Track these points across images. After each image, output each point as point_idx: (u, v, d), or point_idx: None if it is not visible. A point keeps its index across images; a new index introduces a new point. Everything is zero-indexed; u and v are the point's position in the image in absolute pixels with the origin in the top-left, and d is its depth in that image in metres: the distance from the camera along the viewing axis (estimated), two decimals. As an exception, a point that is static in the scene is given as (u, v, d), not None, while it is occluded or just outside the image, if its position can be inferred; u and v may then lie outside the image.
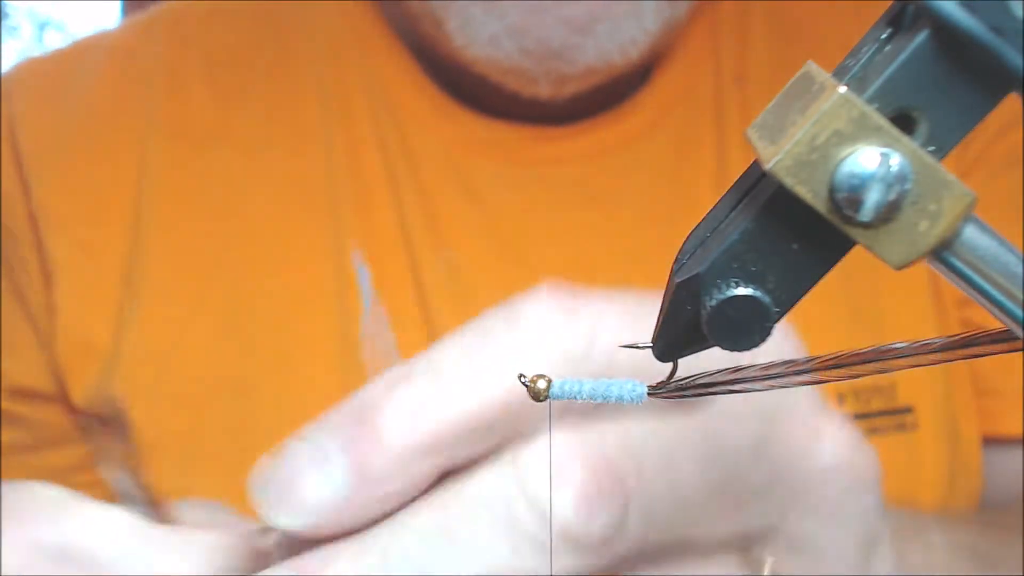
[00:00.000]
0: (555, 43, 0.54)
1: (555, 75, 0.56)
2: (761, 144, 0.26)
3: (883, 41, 0.27)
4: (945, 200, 0.25)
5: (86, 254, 0.61)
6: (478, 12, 0.55)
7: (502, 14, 0.54)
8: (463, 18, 0.55)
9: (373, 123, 0.61)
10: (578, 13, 0.54)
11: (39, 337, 0.62)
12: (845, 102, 0.25)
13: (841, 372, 0.30)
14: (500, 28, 0.55)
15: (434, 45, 0.59)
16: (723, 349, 0.27)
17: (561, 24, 0.54)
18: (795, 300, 0.27)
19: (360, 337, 0.58)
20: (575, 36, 0.54)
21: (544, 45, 0.54)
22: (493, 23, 0.55)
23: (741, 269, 0.27)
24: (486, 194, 0.60)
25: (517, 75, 0.56)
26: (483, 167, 0.60)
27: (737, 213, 0.27)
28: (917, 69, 0.25)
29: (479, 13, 0.55)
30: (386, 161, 0.60)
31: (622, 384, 0.31)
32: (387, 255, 0.59)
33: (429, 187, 0.59)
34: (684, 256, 0.29)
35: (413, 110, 0.61)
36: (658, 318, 0.29)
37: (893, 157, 0.25)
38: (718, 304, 0.26)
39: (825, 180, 0.25)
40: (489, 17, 0.55)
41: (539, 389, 0.31)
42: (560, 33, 0.54)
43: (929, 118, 0.25)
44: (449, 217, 0.59)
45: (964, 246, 0.26)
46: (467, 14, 0.55)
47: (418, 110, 0.61)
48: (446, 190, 0.59)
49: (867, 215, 0.25)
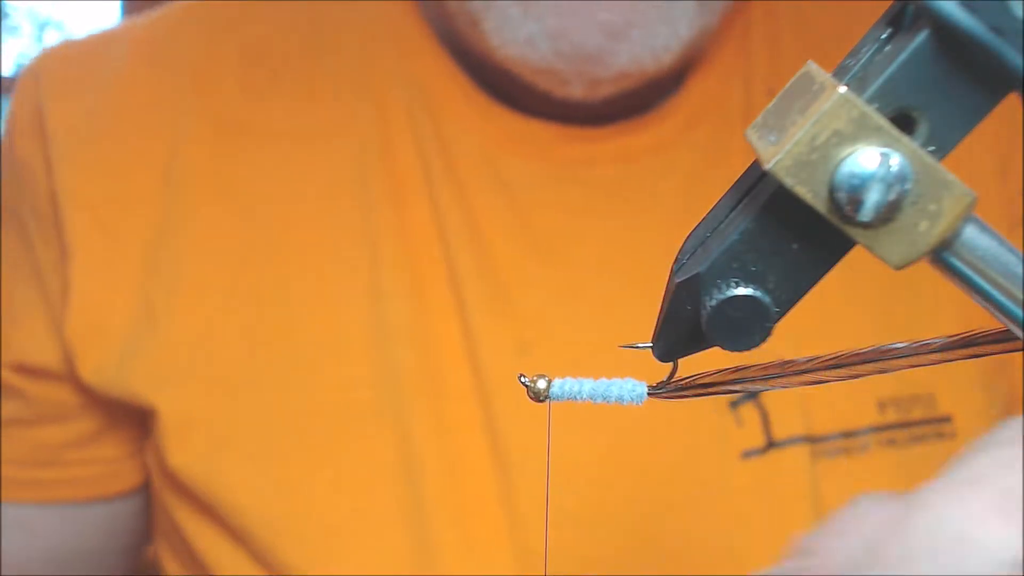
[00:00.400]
0: (590, 47, 0.55)
1: (588, 78, 0.56)
2: (761, 144, 0.26)
3: (883, 41, 0.27)
4: (945, 200, 0.25)
5: (106, 235, 0.60)
6: (516, 13, 0.55)
7: (539, 16, 0.55)
8: (501, 18, 0.56)
9: (408, 118, 0.60)
10: (614, 18, 0.54)
11: (51, 316, 0.62)
12: (845, 102, 0.25)
13: (841, 372, 0.30)
14: (537, 30, 0.55)
15: (468, 42, 0.59)
16: (723, 349, 0.27)
17: (597, 28, 0.54)
18: (795, 300, 0.27)
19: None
20: (610, 41, 0.55)
21: (579, 48, 0.55)
22: (530, 24, 0.55)
23: (741, 269, 0.27)
24: (520, 191, 0.60)
25: (550, 76, 0.57)
26: (517, 164, 0.60)
27: (737, 213, 0.27)
28: (917, 69, 0.25)
29: (517, 14, 0.55)
30: (421, 155, 0.60)
31: (622, 384, 0.31)
32: (421, 248, 0.59)
33: (464, 182, 0.59)
34: (684, 256, 0.29)
35: (449, 105, 0.61)
36: (658, 318, 0.29)
37: (893, 157, 0.25)
38: (718, 304, 0.26)
39: (825, 180, 0.25)
40: (527, 18, 0.55)
41: (539, 389, 0.31)
42: (595, 37, 0.55)
43: (929, 118, 0.25)
44: (484, 213, 0.59)
45: (964, 246, 0.26)
46: (505, 15, 0.56)
47: (454, 105, 0.61)
48: (481, 186, 0.59)
49: (867, 215, 0.25)
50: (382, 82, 0.62)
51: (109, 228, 0.61)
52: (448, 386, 0.57)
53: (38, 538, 0.67)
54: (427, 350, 0.58)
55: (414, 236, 0.59)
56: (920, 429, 0.60)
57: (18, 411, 0.65)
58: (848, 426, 0.59)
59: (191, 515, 0.60)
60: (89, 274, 0.60)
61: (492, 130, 0.61)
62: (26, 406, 0.64)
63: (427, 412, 0.57)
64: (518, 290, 0.58)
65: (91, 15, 2.89)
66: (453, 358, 0.58)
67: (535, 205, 0.60)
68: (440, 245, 0.59)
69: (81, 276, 0.60)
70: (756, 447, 0.58)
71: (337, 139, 0.61)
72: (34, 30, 3.17)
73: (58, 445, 0.65)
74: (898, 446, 0.59)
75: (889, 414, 0.60)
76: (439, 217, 0.59)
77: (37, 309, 0.63)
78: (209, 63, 0.63)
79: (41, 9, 3.13)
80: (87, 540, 0.68)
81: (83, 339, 0.60)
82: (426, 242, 0.59)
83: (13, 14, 3.03)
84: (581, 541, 0.57)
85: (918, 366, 0.29)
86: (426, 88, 0.61)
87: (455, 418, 0.57)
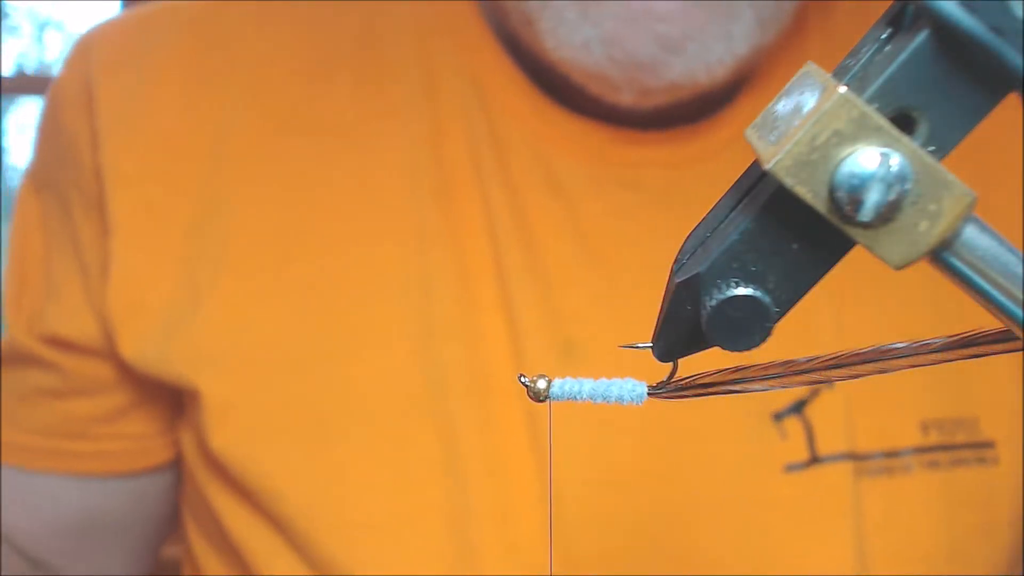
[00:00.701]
0: (644, 56, 0.54)
1: (639, 87, 0.56)
2: (761, 144, 0.26)
3: (883, 41, 0.27)
4: (945, 200, 0.25)
5: (149, 213, 0.60)
6: (573, 16, 0.55)
7: (597, 21, 0.54)
8: (557, 20, 0.55)
9: (462, 111, 0.60)
10: (672, 30, 0.54)
11: (88, 290, 0.62)
12: (845, 102, 0.25)
13: (841, 372, 0.30)
14: (593, 35, 0.55)
15: (522, 40, 0.59)
16: (723, 349, 0.27)
17: (653, 38, 0.54)
18: (795, 300, 0.27)
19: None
20: (665, 52, 0.54)
21: (633, 57, 0.54)
22: (587, 29, 0.55)
23: (741, 269, 0.27)
24: (571, 191, 0.59)
25: (601, 81, 0.56)
26: (569, 164, 0.60)
27: (737, 213, 0.27)
28: (917, 69, 0.25)
29: (574, 17, 0.55)
30: (473, 149, 0.59)
31: (622, 384, 0.31)
32: (469, 241, 0.58)
33: (516, 179, 0.59)
34: (684, 256, 0.29)
35: (503, 100, 0.60)
36: (658, 318, 0.29)
37: (893, 157, 0.25)
38: (718, 304, 0.26)
39: (825, 180, 0.25)
40: (583, 22, 0.55)
41: (539, 389, 0.31)
42: (651, 47, 0.54)
43: (929, 118, 0.25)
44: (534, 211, 0.59)
45: (964, 246, 0.26)
46: (561, 17, 0.55)
47: (508, 101, 0.60)
48: (533, 184, 0.59)
49: (867, 215, 0.25)
50: (437, 74, 0.61)
51: (153, 206, 0.60)
52: (493, 383, 0.57)
53: (62, 507, 0.67)
54: (473, 345, 0.57)
55: (463, 229, 0.59)
56: (962, 453, 0.60)
57: (50, 382, 0.65)
58: (891, 445, 0.59)
59: (228, 498, 0.60)
60: (131, 251, 0.60)
61: (545, 128, 0.60)
62: (60, 378, 0.64)
63: (472, 409, 0.57)
64: (565, 289, 0.58)
65: (91, 15, 2.89)
66: (498, 355, 0.57)
67: (585, 206, 0.59)
68: (489, 240, 0.59)
69: (122, 252, 0.60)
70: (800, 461, 0.58)
71: (389, 129, 0.60)
72: (34, 30, 3.17)
73: (88, 418, 0.65)
74: (940, 469, 0.59)
75: (932, 436, 0.60)
76: (489, 212, 0.59)
77: (74, 282, 0.63)
78: (260, 45, 0.62)
79: (41, 9, 3.13)
80: (111, 513, 0.68)
81: (122, 315, 0.60)
82: (474, 235, 0.59)
83: (13, 14, 3.03)
84: (616, 547, 0.57)
85: (918, 366, 0.29)
86: (481, 82, 0.61)
87: (500, 417, 0.57)
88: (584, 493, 0.56)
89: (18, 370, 0.66)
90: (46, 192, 0.65)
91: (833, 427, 0.58)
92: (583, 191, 0.60)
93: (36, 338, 0.64)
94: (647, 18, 0.54)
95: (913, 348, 0.29)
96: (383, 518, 0.57)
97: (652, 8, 0.54)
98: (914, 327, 0.60)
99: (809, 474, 0.57)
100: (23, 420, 0.66)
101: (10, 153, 3.10)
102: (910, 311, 0.60)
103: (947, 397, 0.60)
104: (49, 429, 0.65)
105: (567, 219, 0.59)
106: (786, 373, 0.30)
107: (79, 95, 0.63)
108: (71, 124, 0.63)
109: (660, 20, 0.54)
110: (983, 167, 0.61)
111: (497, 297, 0.58)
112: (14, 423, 0.66)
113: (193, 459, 0.63)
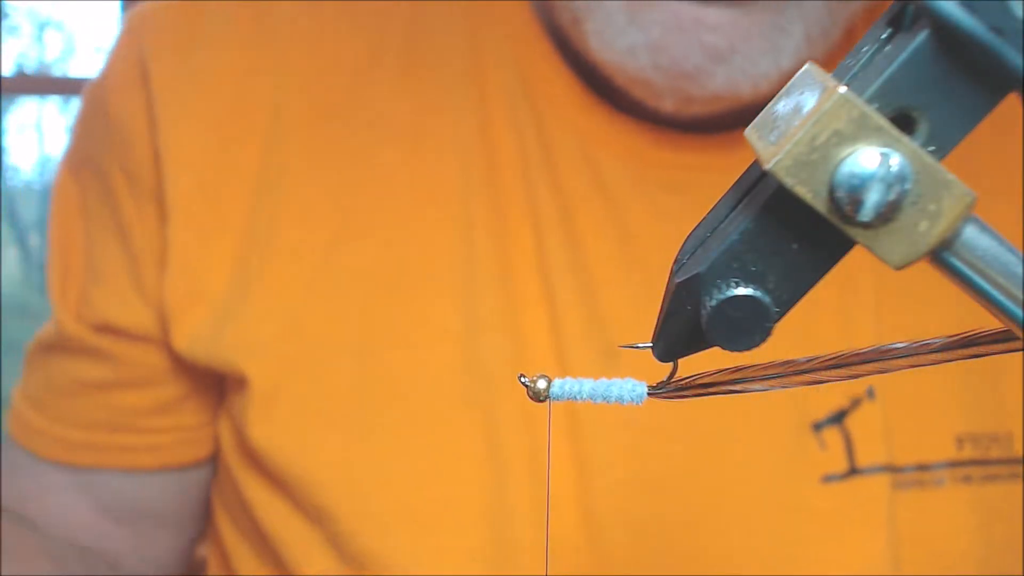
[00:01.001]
0: (688, 65, 0.54)
1: (682, 95, 0.56)
2: (761, 144, 0.26)
3: (883, 41, 0.27)
4: (945, 200, 0.25)
5: (208, 199, 0.59)
6: (621, 20, 0.54)
7: (645, 26, 0.54)
8: (605, 22, 0.55)
9: (508, 104, 0.60)
10: (720, 42, 0.54)
11: (136, 276, 0.61)
12: (845, 102, 0.25)
13: (841, 372, 0.30)
14: (640, 40, 0.54)
15: (569, 38, 0.59)
16: (723, 349, 0.27)
17: (700, 48, 0.54)
18: (795, 300, 0.27)
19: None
20: (710, 62, 0.54)
21: (677, 65, 0.54)
22: (634, 34, 0.54)
23: (741, 269, 0.27)
24: (615, 190, 0.59)
25: (643, 87, 0.56)
26: (613, 163, 0.59)
27: (737, 213, 0.27)
28: (917, 69, 0.25)
29: (622, 22, 0.54)
30: (520, 144, 0.59)
31: (622, 384, 0.31)
32: (514, 235, 0.58)
33: (561, 176, 0.58)
34: (684, 256, 0.29)
35: (550, 95, 0.60)
36: (658, 318, 0.29)
37: (893, 157, 0.25)
38: (718, 304, 0.26)
39: (825, 180, 0.25)
40: (632, 27, 0.54)
41: (539, 389, 0.31)
42: (696, 57, 0.54)
43: (929, 118, 0.25)
44: (579, 209, 0.58)
45: (964, 246, 0.26)
46: (609, 19, 0.55)
47: (554, 96, 0.60)
48: (578, 181, 0.58)
49: (867, 215, 0.25)
50: (485, 66, 0.61)
51: (211, 191, 0.59)
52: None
53: (108, 502, 0.67)
54: (516, 340, 0.57)
55: (509, 222, 0.58)
56: (996, 468, 0.60)
57: (100, 373, 0.64)
58: (924, 459, 0.59)
59: (263, 490, 0.60)
60: (190, 237, 0.59)
61: (590, 126, 0.60)
62: (112, 369, 0.63)
63: (514, 405, 0.57)
64: (607, 291, 0.58)
65: (91, 15, 2.89)
66: (541, 351, 0.57)
67: (629, 206, 0.59)
68: (533, 235, 0.58)
69: (182, 239, 0.59)
70: (838, 472, 0.57)
71: (438, 119, 0.60)
72: (34, 30, 3.18)
73: (140, 410, 0.64)
74: (973, 483, 0.59)
75: (966, 450, 0.59)
76: (534, 208, 0.59)
77: (120, 269, 0.62)
78: (311, 34, 0.62)
79: (41, 9, 3.13)
80: (159, 506, 0.68)
81: (181, 304, 0.59)
82: (519, 230, 0.58)
83: (13, 14, 3.03)
84: (649, 550, 0.57)
85: (918, 366, 0.29)
86: (527, 75, 0.60)
87: (540, 414, 0.56)
88: (619, 495, 0.56)
89: (63, 361, 0.65)
90: (86, 177, 0.64)
91: (873, 439, 0.58)
92: (627, 191, 0.59)
93: (86, 326, 0.63)
94: (696, 27, 0.54)
95: (913, 348, 0.29)
96: (422, 511, 0.57)
97: (702, 17, 0.53)
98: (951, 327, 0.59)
99: (847, 485, 0.57)
100: (68, 414, 0.65)
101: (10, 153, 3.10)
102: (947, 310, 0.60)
103: (983, 412, 0.60)
104: (97, 423, 0.65)
105: (611, 218, 0.59)
106: (786, 373, 0.30)
107: (134, 79, 0.61)
108: (123, 108, 0.61)
109: (709, 30, 0.54)
110: (983, 167, 0.61)
111: (540, 293, 0.58)
112: (59, 418, 0.65)
113: (229, 450, 0.62)
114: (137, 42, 0.62)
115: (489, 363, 0.57)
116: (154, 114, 0.60)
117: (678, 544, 0.57)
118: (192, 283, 0.59)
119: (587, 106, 0.60)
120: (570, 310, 0.57)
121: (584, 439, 0.56)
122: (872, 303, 0.59)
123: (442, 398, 0.57)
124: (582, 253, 0.58)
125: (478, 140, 0.59)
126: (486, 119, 0.60)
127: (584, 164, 0.59)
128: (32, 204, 3.42)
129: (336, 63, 0.61)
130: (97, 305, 0.62)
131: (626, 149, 0.60)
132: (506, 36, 0.62)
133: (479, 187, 0.59)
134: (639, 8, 0.54)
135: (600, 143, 0.60)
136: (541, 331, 0.57)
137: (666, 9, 0.54)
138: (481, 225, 0.58)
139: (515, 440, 0.56)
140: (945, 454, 0.59)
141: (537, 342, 0.57)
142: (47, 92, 3.02)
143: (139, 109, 0.61)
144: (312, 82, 0.60)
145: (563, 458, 0.56)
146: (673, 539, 0.57)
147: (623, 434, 0.56)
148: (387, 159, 0.59)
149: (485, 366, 0.57)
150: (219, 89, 0.61)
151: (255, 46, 0.61)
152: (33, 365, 0.67)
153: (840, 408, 0.58)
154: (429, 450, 0.57)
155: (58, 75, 3.08)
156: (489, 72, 0.61)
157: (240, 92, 0.61)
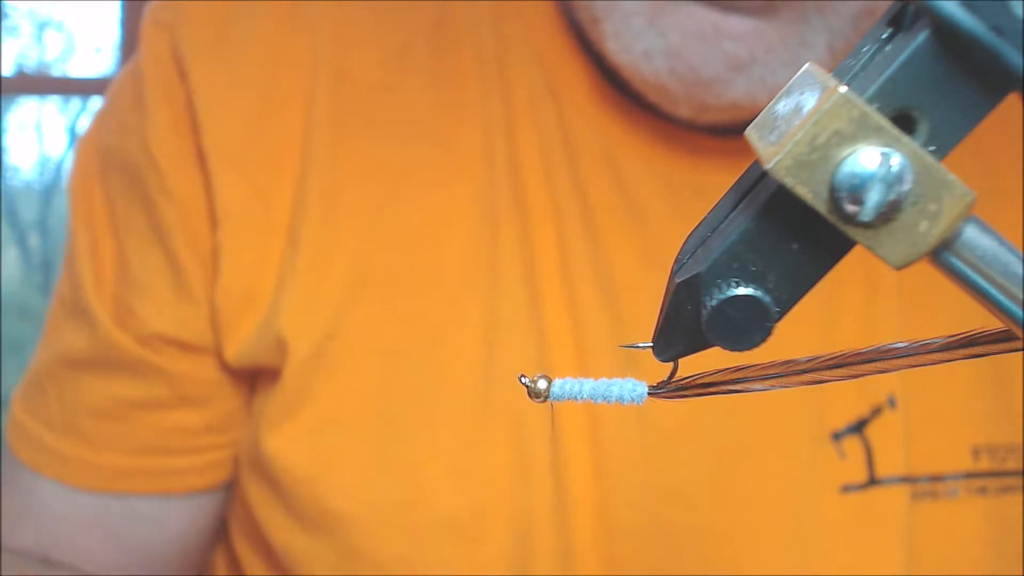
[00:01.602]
0: (706, 73, 0.53)
1: (698, 103, 0.55)
2: (761, 144, 0.26)
3: (883, 41, 0.27)
4: (945, 200, 0.25)
5: (259, 200, 0.58)
6: (640, 24, 0.54)
7: (663, 31, 0.53)
8: (623, 24, 0.54)
9: (531, 100, 0.59)
10: (740, 51, 0.53)
11: (178, 283, 0.59)
12: (846, 102, 0.25)
13: (841, 372, 0.30)
14: (657, 45, 0.53)
15: (588, 36, 0.58)
16: (723, 349, 0.27)
17: (720, 57, 0.53)
18: (795, 300, 0.27)
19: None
20: (729, 71, 0.53)
21: (695, 73, 0.53)
22: (652, 38, 0.53)
23: (741, 269, 0.27)
24: (637, 190, 0.58)
25: (659, 92, 0.55)
26: (635, 163, 0.58)
27: (737, 213, 0.27)
28: (917, 69, 0.25)
29: (641, 24, 0.54)
30: (542, 142, 0.58)
31: (622, 384, 0.31)
32: (537, 237, 0.57)
33: (583, 175, 0.58)
34: (684, 256, 0.29)
35: (571, 92, 0.59)
36: (658, 318, 0.29)
37: (893, 157, 0.25)
38: (718, 304, 0.26)
39: (825, 180, 0.25)
40: (650, 31, 0.53)
41: (539, 389, 0.31)
42: (716, 66, 0.53)
43: (929, 118, 0.25)
44: (601, 210, 0.57)
45: (964, 246, 0.26)
46: (628, 22, 0.54)
47: (576, 92, 0.59)
48: (600, 181, 0.58)
49: (868, 215, 0.25)
50: (509, 60, 0.60)
51: (260, 190, 0.58)
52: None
53: (166, 531, 0.63)
54: (539, 342, 0.57)
55: (531, 223, 0.58)
56: (1012, 480, 0.59)
57: (154, 392, 0.60)
58: (939, 470, 0.58)
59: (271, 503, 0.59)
60: (242, 240, 0.57)
61: (611, 125, 0.59)
62: (164, 385, 0.60)
63: (539, 409, 0.55)
64: (629, 292, 0.57)
65: (91, 15, 2.89)
66: (563, 353, 0.56)
67: (650, 207, 0.58)
68: (556, 236, 0.58)
69: (234, 242, 0.57)
70: (857, 482, 0.57)
71: (464, 118, 0.59)
72: (34, 30, 3.17)
73: (192, 431, 0.61)
74: (988, 495, 0.59)
75: (983, 461, 0.59)
76: (557, 207, 0.58)
77: (162, 276, 0.59)
78: (342, 28, 0.61)
79: (41, 9, 3.13)
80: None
81: (235, 309, 0.57)
82: (542, 230, 0.58)
83: (13, 14, 3.03)
84: (664, 557, 0.56)
85: (918, 366, 0.29)
86: (550, 71, 0.60)
87: (563, 422, 0.56)
88: (635, 501, 0.56)
89: (102, 379, 0.61)
90: (113, 180, 0.61)
91: (893, 449, 0.57)
92: (648, 192, 0.59)
93: (133, 339, 0.59)
94: (716, 35, 0.53)
95: (913, 348, 0.29)
96: (444, 515, 0.56)
97: (724, 26, 0.52)
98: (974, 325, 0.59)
99: (866, 496, 0.57)
100: (110, 439, 0.61)
101: (10, 153, 3.10)
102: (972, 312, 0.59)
103: (1000, 423, 0.59)
104: (147, 446, 0.61)
105: (632, 219, 0.58)
106: (786, 373, 0.30)
107: (171, 77, 0.59)
108: (162, 106, 0.59)
109: (730, 39, 0.53)
110: (984, 167, 0.61)
111: (563, 294, 0.57)
112: (97, 443, 0.61)
113: (241, 457, 0.61)
114: (169, 38, 0.60)
115: (512, 365, 0.56)
116: (195, 112, 0.58)
117: (695, 552, 0.56)
118: (246, 288, 0.57)
119: (610, 106, 0.60)
120: (592, 311, 0.57)
121: (603, 445, 0.56)
122: (896, 307, 0.58)
123: (466, 400, 0.56)
124: (604, 254, 0.58)
125: (503, 138, 0.59)
126: (511, 116, 0.59)
127: (606, 165, 0.59)
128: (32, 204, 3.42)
129: (365, 59, 0.60)
130: (142, 315, 0.59)
131: (648, 150, 0.59)
132: (530, 33, 0.61)
133: (503, 186, 0.58)
134: (658, 11, 0.53)
135: (622, 143, 0.59)
136: (564, 332, 0.57)
137: (686, 14, 0.53)
138: (505, 225, 0.58)
139: (539, 445, 0.56)
140: (962, 465, 0.58)
141: (560, 343, 0.57)
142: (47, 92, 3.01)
143: (180, 106, 0.59)
144: (343, 78, 0.60)
145: (582, 464, 0.56)
146: (690, 547, 0.56)
147: (642, 441, 0.56)
148: (417, 154, 0.59)
149: (508, 368, 0.56)
150: (256, 86, 0.59)
151: (287, 44, 0.60)
152: (56, 385, 0.62)
153: (860, 417, 0.57)
154: (453, 453, 0.56)
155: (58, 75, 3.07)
156: (513, 69, 0.60)
157: (275, 89, 0.59)
